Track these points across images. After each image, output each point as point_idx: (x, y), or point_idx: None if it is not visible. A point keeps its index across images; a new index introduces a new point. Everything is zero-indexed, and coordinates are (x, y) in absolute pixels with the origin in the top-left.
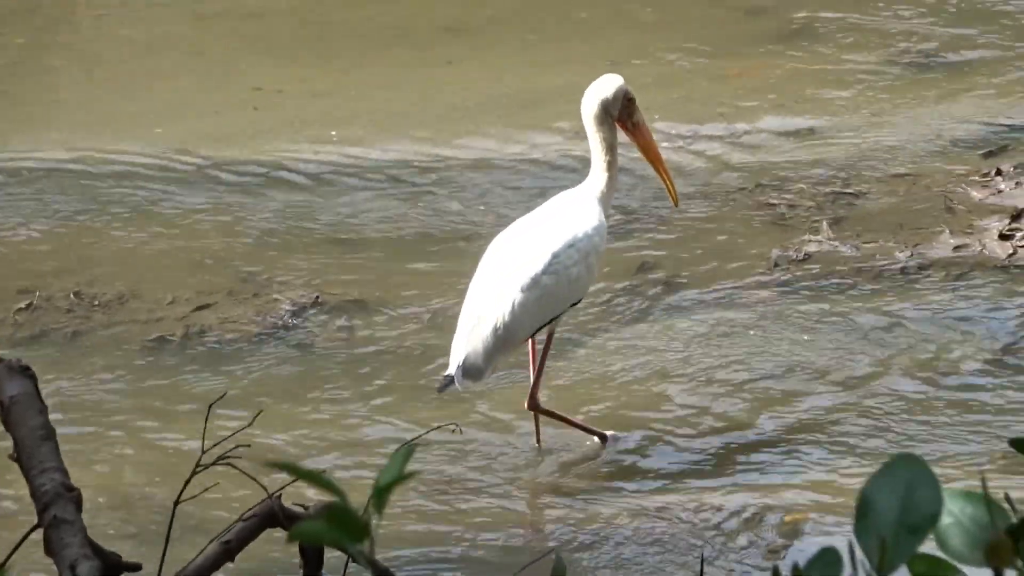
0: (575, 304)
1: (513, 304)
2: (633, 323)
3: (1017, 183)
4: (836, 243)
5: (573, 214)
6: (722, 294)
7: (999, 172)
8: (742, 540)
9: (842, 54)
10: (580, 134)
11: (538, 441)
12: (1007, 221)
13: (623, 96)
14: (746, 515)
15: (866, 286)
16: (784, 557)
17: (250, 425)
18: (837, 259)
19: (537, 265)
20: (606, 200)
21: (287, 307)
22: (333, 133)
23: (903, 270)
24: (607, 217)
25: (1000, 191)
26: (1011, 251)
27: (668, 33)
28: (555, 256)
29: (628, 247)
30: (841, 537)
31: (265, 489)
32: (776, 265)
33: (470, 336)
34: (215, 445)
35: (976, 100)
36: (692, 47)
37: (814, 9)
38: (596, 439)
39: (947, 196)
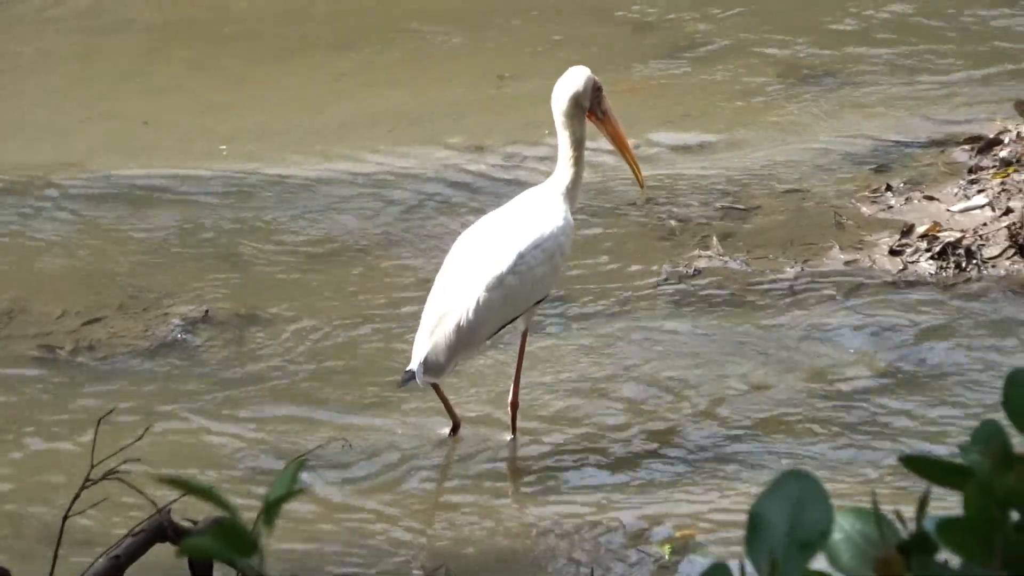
0: (540, 302)
1: (477, 302)
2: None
3: (907, 199)
4: (726, 258)
5: (540, 213)
6: (612, 309)
7: (889, 188)
8: (632, 556)
9: (732, 70)
10: (470, 149)
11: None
12: (897, 236)
13: (592, 86)
14: (635, 530)
15: (756, 301)
16: (674, 573)
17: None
18: (727, 274)
19: (503, 265)
20: (572, 195)
21: (177, 322)
22: (223, 147)
23: (793, 285)
24: (573, 212)
25: (890, 206)
26: (901, 266)
27: (557, 49)
28: (521, 256)
29: None
30: (732, 553)
31: (154, 504)
32: (666, 280)
33: (433, 333)
34: (105, 459)
35: (865, 116)
36: (581, 63)
37: (703, 25)
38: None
39: (837, 211)
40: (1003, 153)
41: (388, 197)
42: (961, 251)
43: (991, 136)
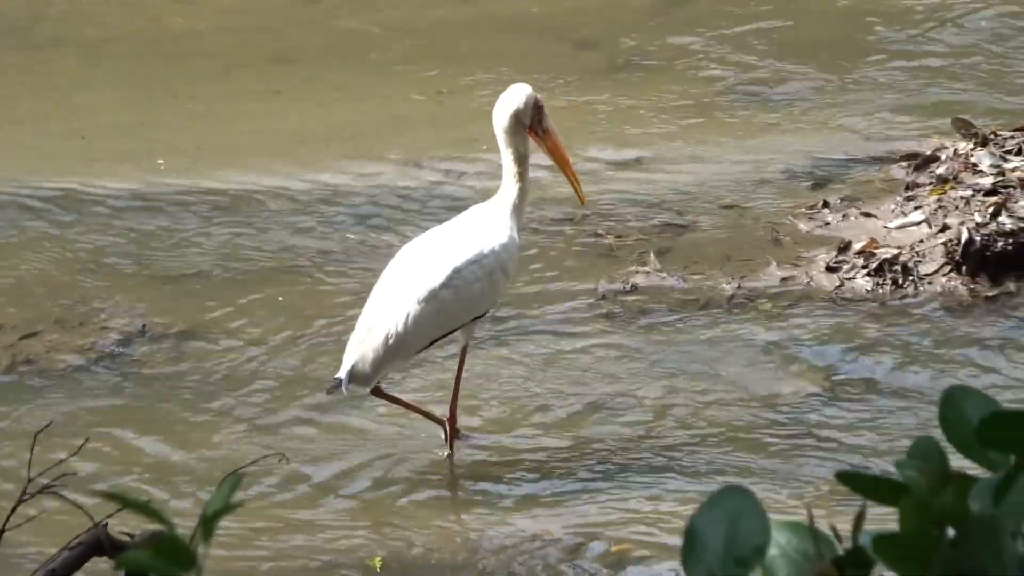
0: (479, 317)
1: (408, 315)
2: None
3: (844, 215)
4: (663, 274)
5: (483, 228)
6: (550, 324)
7: (826, 204)
8: (567, 570)
9: (670, 86)
10: (409, 164)
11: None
12: (834, 253)
13: (533, 104)
14: (571, 545)
15: (693, 318)
16: None
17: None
18: (664, 290)
19: (437, 279)
20: (519, 211)
21: (115, 336)
22: (160, 162)
23: (730, 301)
24: (521, 227)
25: (827, 223)
26: (838, 283)
27: (497, 65)
28: (456, 271)
29: None
30: (668, 568)
31: (91, 518)
32: (603, 296)
33: (362, 342)
34: (41, 474)
35: (802, 133)
36: (520, 79)
37: (642, 42)
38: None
39: (774, 228)
40: (940, 170)
41: (326, 212)
42: (898, 267)
43: (928, 153)
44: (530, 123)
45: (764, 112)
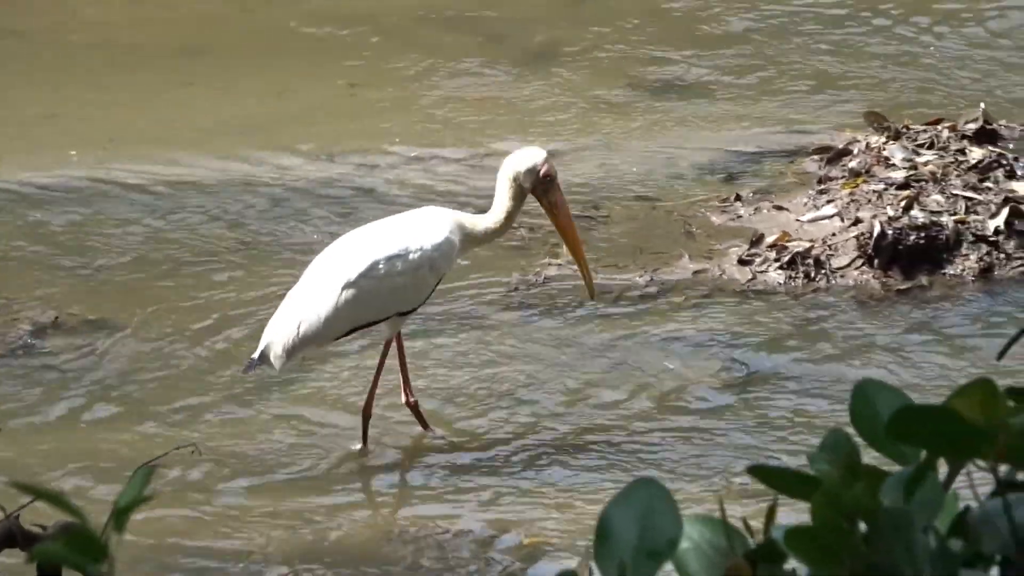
0: (406, 313)
1: (325, 301)
2: (375, 346)
3: (756, 208)
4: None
5: (419, 227)
6: (462, 317)
7: (738, 197)
8: (480, 563)
9: (582, 79)
10: (321, 157)
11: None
12: (746, 246)
13: (536, 174)
14: (484, 537)
15: (605, 310)
16: None
17: None
18: (576, 283)
19: (356, 269)
20: (486, 236)
21: (27, 327)
22: (72, 153)
23: (642, 294)
24: (490, 246)
25: (739, 216)
26: (750, 276)
27: (408, 58)
28: (375, 263)
29: None
30: (581, 560)
31: (3, 509)
32: (515, 289)
33: (279, 325)
34: None
35: (714, 126)
36: (433, 72)
37: (554, 35)
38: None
39: (687, 221)
40: (852, 163)
41: (239, 204)
42: (810, 261)
43: (840, 146)
44: (533, 190)
45: (677, 105)
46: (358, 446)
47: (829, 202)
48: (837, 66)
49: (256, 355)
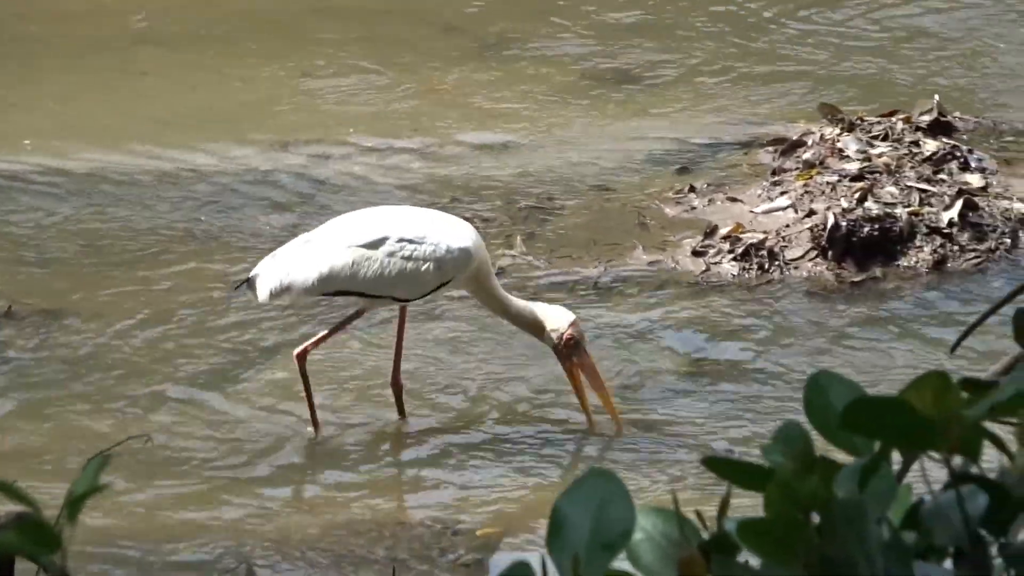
0: (402, 300)
1: (324, 256)
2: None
3: (710, 200)
4: (530, 257)
5: (447, 227)
6: (414, 307)
7: (692, 189)
8: (434, 553)
9: (537, 71)
10: (275, 147)
11: (401, 415)
12: (700, 238)
13: (560, 338)
14: (438, 528)
15: (560, 301)
16: (477, 571)
17: None
18: (531, 274)
19: (367, 235)
20: (488, 293)
21: None
22: (27, 142)
23: (596, 285)
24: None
25: (693, 207)
26: (704, 267)
27: (363, 48)
28: (385, 237)
29: None
30: (534, 552)
31: None
32: None
33: (277, 262)
34: None
35: (669, 118)
36: (387, 62)
37: (509, 27)
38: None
39: (641, 212)
40: (806, 155)
41: (192, 194)
42: (764, 252)
43: (794, 138)
44: (555, 349)
45: (631, 97)
46: (311, 433)
47: (783, 194)
48: (792, 58)
49: (247, 278)
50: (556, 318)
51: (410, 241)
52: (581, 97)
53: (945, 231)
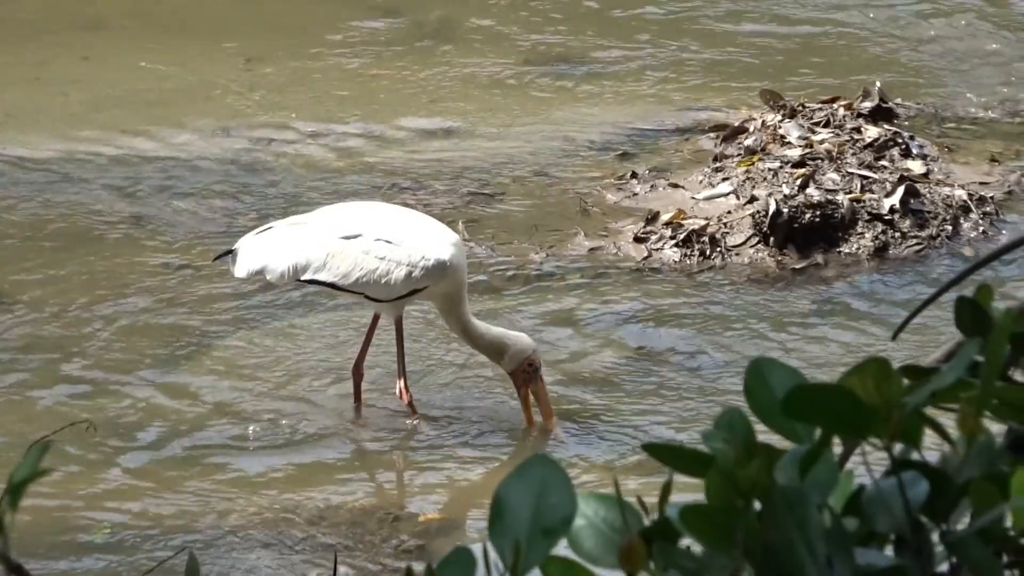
0: (375, 300)
1: (301, 244)
2: (266, 322)
3: (652, 186)
4: (471, 244)
5: (430, 234)
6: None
7: (634, 175)
8: (376, 539)
9: (478, 57)
10: (217, 132)
11: (357, 401)
12: (642, 224)
13: (523, 361)
14: (380, 515)
15: (501, 287)
16: (419, 557)
17: None
18: (472, 260)
19: (346, 229)
20: (454, 309)
21: None
22: None
23: (538, 272)
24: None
25: (635, 194)
26: (645, 253)
27: (305, 33)
28: (362, 235)
29: None
30: (476, 537)
31: None
32: None
33: (259, 242)
34: None
35: (610, 104)
36: (329, 47)
37: (450, 12)
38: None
39: (582, 198)
40: (748, 141)
41: (133, 178)
42: (705, 239)
43: (736, 124)
44: (511, 373)
45: (573, 83)
46: (252, 427)
47: (725, 180)
48: (733, 44)
49: (230, 250)
50: (522, 341)
51: (387, 241)
52: (524, 83)
53: (887, 218)
